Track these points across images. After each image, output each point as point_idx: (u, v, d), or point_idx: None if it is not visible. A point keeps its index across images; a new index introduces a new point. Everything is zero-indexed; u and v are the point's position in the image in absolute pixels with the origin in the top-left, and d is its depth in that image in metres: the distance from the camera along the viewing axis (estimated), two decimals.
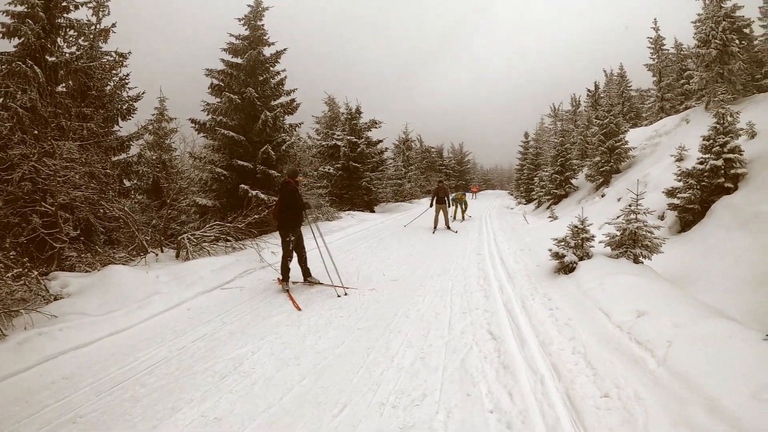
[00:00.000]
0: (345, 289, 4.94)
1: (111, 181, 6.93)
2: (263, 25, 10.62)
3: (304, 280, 5.33)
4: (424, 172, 32.85)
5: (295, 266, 5.26)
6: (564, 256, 4.91)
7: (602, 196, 11.84)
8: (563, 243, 5.13)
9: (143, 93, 8.42)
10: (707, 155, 6.62)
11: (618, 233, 5.01)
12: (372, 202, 18.28)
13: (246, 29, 10.59)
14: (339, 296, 4.75)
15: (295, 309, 4.34)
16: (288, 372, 2.92)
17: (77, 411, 2.49)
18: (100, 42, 7.78)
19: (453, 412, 2.38)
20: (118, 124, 8.21)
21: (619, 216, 5.10)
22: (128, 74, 8.15)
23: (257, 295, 4.89)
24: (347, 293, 4.85)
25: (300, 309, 4.33)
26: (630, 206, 5.04)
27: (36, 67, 6.46)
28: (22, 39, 6.73)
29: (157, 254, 6.32)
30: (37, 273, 4.35)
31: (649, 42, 18.70)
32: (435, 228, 10.71)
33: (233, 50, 10.57)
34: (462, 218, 13.69)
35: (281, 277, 5.17)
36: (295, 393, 2.64)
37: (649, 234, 4.85)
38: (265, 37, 10.61)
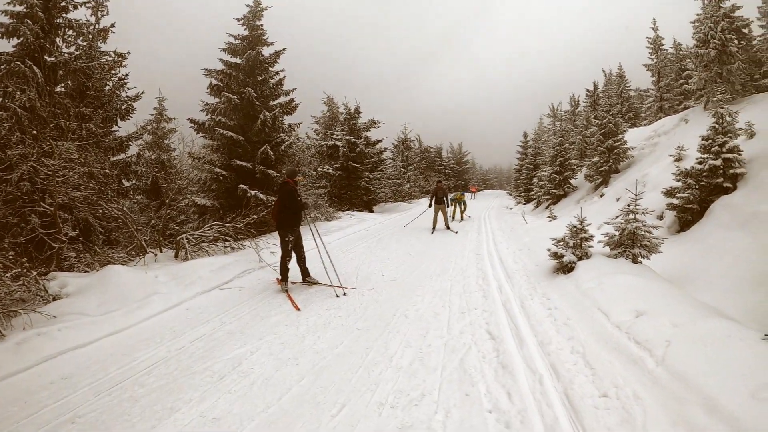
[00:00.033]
0: (344, 289, 4.94)
1: (110, 181, 6.93)
2: (262, 25, 10.62)
3: (303, 280, 5.33)
4: (423, 172, 32.82)
5: (294, 266, 5.26)
6: (563, 256, 4.92)
7: (601, 196, 11.84)
8: (562, 243, 5.14)
9: (142, 93, 8.40)
10: (706, 155, 6.63)
11: (617, 233, 5.02)
12: (371, 202, 18.27)
13: (245, 29, 10.58)
14: (338, 296, 4.75)
15: (294, 309, 4.34)
16: (287, 372, 2.92)
17: (76, 411, 2.49)
18: (99, 42, 7.76)
19: (452, 412, 2.38)
20: (117, 124, 8.19)
21: (618, 216, 5.10)
22: (127, 74, 8.15)
23: (256, 295, 4.89)
24: (346, 293, 4.85)
25: (299, 309, 4.33)
26: (629, 206, 5.04)
27: (35, 67, 6.45)
28: (21, 39, 6.72)
29: (156, 254, 6.32)
30: (36, 273, 4.36)
31: (648, 42, 18.72)
32: (434, 228, 10.71)
33: (232, 50, 10.57)
34: (461, 218, 13.70)
35: (280, 277, 5.17)
36: (294, 393, 2.64)
37: (648, 234, 4.86)
38: (264, 37, 10.61)
